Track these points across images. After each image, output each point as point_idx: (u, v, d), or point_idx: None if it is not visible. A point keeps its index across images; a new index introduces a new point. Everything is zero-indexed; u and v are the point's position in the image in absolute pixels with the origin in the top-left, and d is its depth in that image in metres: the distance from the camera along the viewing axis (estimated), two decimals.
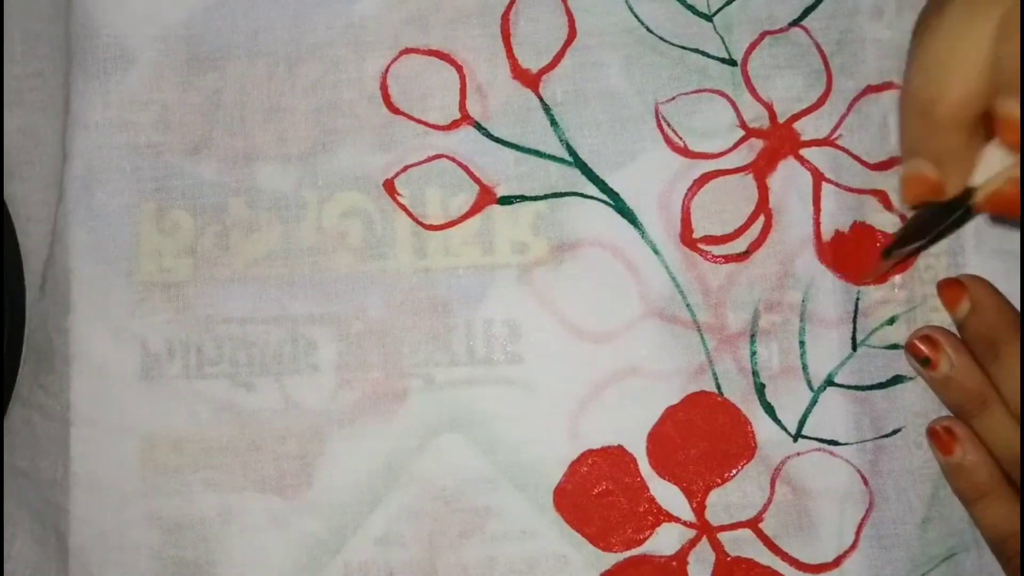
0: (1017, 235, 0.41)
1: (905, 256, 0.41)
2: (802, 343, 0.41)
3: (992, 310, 0.39)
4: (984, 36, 0.33)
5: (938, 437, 0.39)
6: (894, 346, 0.41)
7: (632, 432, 0.41)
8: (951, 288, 0.40)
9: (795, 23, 0.42)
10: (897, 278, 0.41)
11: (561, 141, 0.42)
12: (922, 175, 0.36)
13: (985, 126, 0.35)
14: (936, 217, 0.37)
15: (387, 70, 0.43)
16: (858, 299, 0.41)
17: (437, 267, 0.42)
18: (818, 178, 0.41)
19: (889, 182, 0.41)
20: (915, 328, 0.40)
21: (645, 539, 0.41)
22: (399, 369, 0.41)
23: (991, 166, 0.35)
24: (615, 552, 0.40)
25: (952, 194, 0.36)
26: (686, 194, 0.42)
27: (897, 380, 0.41)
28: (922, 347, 0.39)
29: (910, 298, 0.41)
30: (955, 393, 0.39)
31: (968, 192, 0.36)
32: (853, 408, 0.41)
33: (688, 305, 0.41)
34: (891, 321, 0.41)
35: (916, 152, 0.36)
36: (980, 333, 0.39)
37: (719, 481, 0.41)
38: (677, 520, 0.41)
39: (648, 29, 0.42)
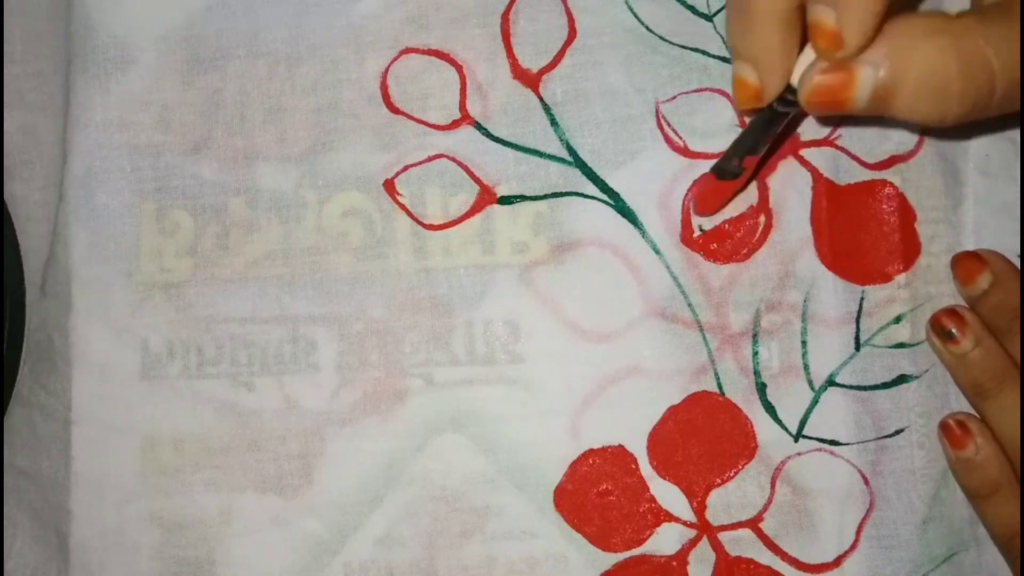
0: (1017, 231, 0.41)
1: (742, 175, 0.39)
2: (804, 343, 0.41)
3: (1015, 281, 0.38)
4: None
5: (951, 431, 0.39)
6: (900, 345, 0.41)
7: (633, 432, 0.41)
8: (969, 261, 0.39)
9: None
10: (901, 277, 0.41)
11: (561, 141, 0.42)
12: (743, 80, 0.34)
13: (803, 26, 0.33)
14: (764, 122, 0.36)
15: (387, 70, 0.43)
16: (862, 299, 0.41)
17: (437, 267, 0.42)
18: (818, 178, 0.41)
19: (890, 180, 0.41)
20: (920, 327, 0.40)
21: (645, 539, 0.40)
22: (399, 369, 0.41)
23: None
24: (615, 552, 0.40)
25: (773, 96, 0.34)
26: (686, 194, 0.42)
27: (901, 380, 0.41)
28: (947, 320, 0.39)
29: (914, 296, 0.41)
30: (975, 370, 0.38)
31: (790, 91, 0.33)
32: (855, 408, 0.41)
33: (690, 305, 0.41)
34: (897, 320, 0.41)
35: (739, 54, 0.34)
36: (1006, 305, 0.38)
37: (719, 481, 0.41)
38: (677, 520, 0.41)
39: (648, 29, 0.42)
